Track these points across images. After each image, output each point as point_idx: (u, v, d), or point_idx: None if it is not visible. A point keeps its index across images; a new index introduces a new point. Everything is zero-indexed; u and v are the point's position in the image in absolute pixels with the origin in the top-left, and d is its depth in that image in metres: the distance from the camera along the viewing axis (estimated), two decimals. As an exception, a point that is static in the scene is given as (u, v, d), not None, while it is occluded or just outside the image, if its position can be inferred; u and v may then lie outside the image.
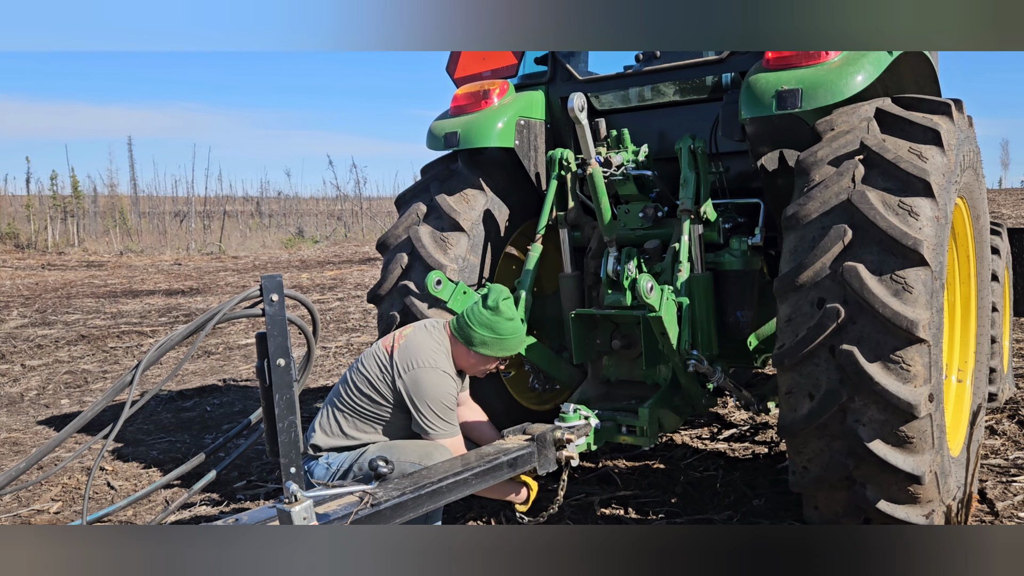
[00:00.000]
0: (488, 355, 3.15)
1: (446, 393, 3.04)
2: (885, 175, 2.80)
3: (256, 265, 18.65)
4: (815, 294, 2.78)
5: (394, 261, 3.86)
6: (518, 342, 3.20)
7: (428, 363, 3.05)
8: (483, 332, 3.10)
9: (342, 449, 3.09)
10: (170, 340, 1.98)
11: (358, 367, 3.15)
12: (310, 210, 35.86)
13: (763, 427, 5.07)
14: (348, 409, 3.11)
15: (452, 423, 3.07)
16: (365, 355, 3.19)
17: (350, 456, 3.05)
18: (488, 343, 3.11)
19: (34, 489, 4.65)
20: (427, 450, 2.99)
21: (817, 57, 3.16)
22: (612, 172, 3.65)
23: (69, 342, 9.17)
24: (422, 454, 2.95)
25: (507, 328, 3.13)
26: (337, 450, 3.09)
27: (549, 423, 3.13)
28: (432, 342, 3.13)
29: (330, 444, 3.08)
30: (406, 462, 2.89)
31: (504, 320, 3.11)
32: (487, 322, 3.10)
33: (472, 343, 3.12)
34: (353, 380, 3.13)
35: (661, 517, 3.78)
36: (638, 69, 3.93)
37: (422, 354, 3.07)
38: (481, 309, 3.13)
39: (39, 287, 14.65)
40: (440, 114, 4.11)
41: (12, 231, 23.49)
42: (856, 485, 2.81)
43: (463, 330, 3.13)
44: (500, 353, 3.17)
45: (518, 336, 3.19)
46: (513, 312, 3.16)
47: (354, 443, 3.09)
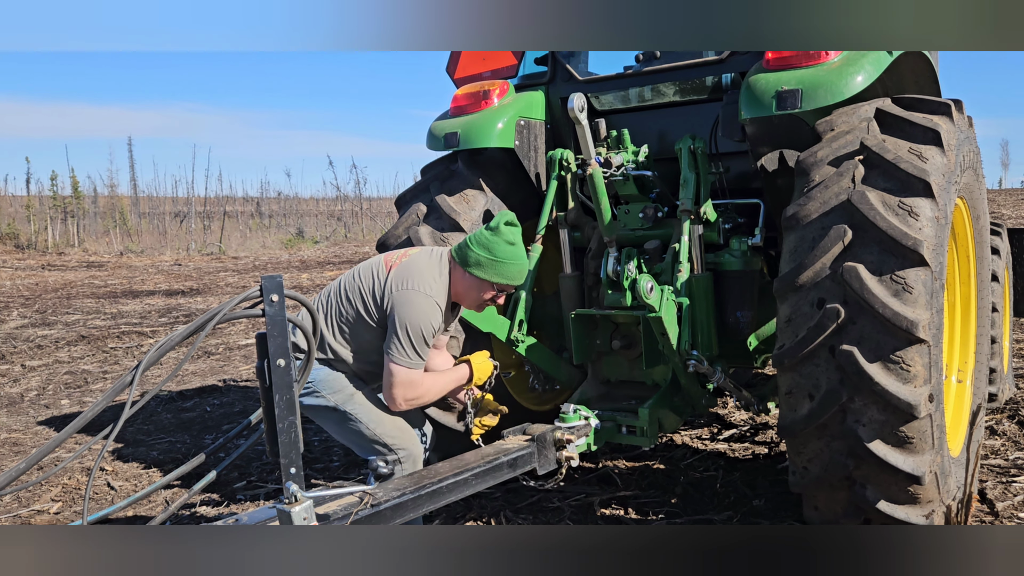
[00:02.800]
0: (483, 278, 2.97)
1: (428, 324, 2.88)
2: (885, 175, 2.80)
3: (256, 265, 18.65)
4: (815, 294, 2.78)
5: (394, 261, 3.86)
6: (516, 270, 3.01)
7: (422, 288, 2.91)
8: (479, 251, 2.95)
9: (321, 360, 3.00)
10: (170, 340, 1.98)
11: (354, 275, 3.03)
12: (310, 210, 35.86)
13: (763, 427, 5.07)
14: (333, 313, 2.99)
15: (420, 358, 2.89)
16: (363, 266, 3.07)
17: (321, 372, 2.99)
18: (483, 264, 2.95)
19: (34, 489, 4.65)
20: (401, 427, 3.03)
21: (817, 57, 3.16)
22: (612, 172, 3.65)
23: (69, 342, 9.17)
24: (396, 433, 2.98)
25: (504, 251, 2.96)
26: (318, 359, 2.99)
27: (549, 423, 3.13)
28: (433, 269, 2.99)
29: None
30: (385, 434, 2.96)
31: (502, 242, 2.96)
32: (484, 241, 2.96)
33: (467, 263, 2.97)
34: (345, 287, 3.01)
35: (661, 517, 3.78)
36: (638, 69, 3.93)
37: (419, 278, 2.93)
38: (483, 230, 3.00)
39: (39, 287, 14.65)
40: (440, 114, 4.11)
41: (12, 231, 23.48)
42: (856, 485, 2.81)
43: (462, 251, 3.00)
44: (495, 278, 2.98)
45: (516, 264, 3.00)
46: (515, 238, 2.99)
47: (327, 357, 2.99)
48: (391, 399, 2.92)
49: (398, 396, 2.91)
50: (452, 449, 3.16)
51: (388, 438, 3.00)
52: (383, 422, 3.01)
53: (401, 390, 2.90)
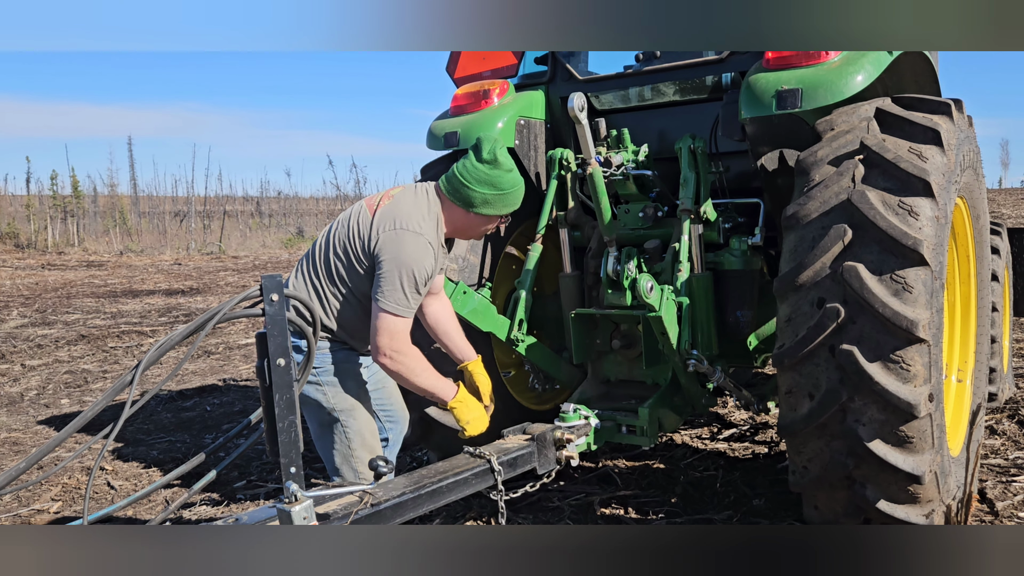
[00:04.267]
0: (491, 215, 2.86)
1: (421, 267, 2.69)
2: (885, 175, 2.80)
3: (256, 265, 18.65)
4: (815, 294, 2.78)
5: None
6: (520, 194, 2.89)
7: (412, 227, 2.71)
8: (484, 190, 2.79)
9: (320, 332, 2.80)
10: (170, 340, 1.98)
11: (337, 224, 2.86)
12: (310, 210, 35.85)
13: (763, 427, 5.07)
14: (322, 269, 2.82)
15: (411, 304, 2.70)
16: (344, 214, 2.89)
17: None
18: (491, 201, 2.81)
19: (34, 489, 4.65)
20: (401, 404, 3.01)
21: (817, 57, 3.16)
22: (612, 172, 3.65)
23: (69, 342, 9.17)
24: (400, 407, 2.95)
25: (509, 181, 2.82)
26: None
27: (549, 423, 3.13)
28: (422, 206, 2.79)
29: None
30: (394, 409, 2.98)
31: (504, 173, 2.81)
32: (487, 178, 2.79)
33: (473, 204, 2.81)
34: (331, 240, 2.84)
35: (661, 517, 3.78)
36: (638, 69, 3.93)
37: (407, 217, 2.73)
38: (476, 164, 2.80)
39: (39, 287, 14.65)
40: (440, 114, 4.11)
41: (12, 231, 23.48)
42: (856, 485, 2.81)
43: (459, 191, 2.81)
44: (504, 210, 2.87)
45: (520, 188, 2.87)
46: (511, 162, 2.85)
47: (323, 325, 2.81)
48: (376, 348, 2.71)
49: (384, 345, 2.69)
50: (452, 449, 3.16)
51: (361, 465, 2.87)
52: (365, 449, 2.89)
53: (387, 339, 2.68)
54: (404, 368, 2.76)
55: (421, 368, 2.81)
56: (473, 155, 2.84)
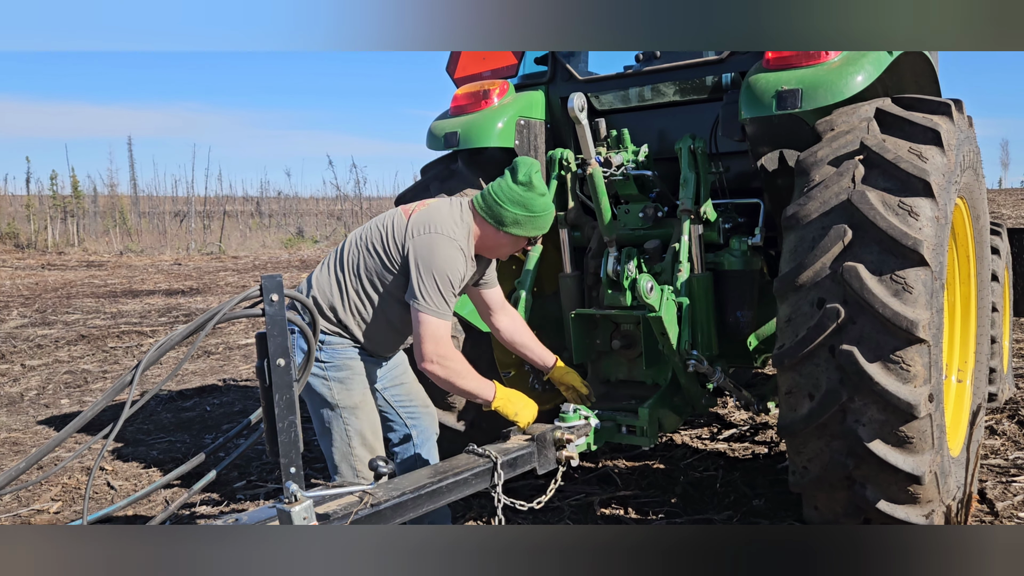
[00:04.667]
0: (520, 235, 2.92)
1: (455, 269, 2.76)
2: (885, 175, 2.80)
3: (256, 265, 18.65)
4: (815, 294, 2.78)
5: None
6: (550, 219, 2.96)
7: (445, 231, 2.78)
8: (516, 210, 2.85)
9: (333, 321, 2.86)
10: (170, 340, 1.98)
11: (371, 227, 2.93)
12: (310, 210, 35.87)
13: (763, 427, 5.07)
14: (352, 274, 2.87)
15: (447, 305, 2.75)
16: (379, 217, 2.95)
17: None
18: (521, 222, 2.87)
19: (34, 489, 4.65)
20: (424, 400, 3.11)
21: (817, 57, 3.16)
22: (612, 172, 3.65)
23: (69, 342, 9.17)
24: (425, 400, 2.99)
25: (541, 204, 2.89)
26: (335, 329, 2.86)
27: (549, 423, 3.13)
28: (455, 215, 2.88)
29: (328, 317, 2.86)
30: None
31: (537, 196, 2.88)
32: (520, 199, 2.86)
33: (504, 223, 2.87)
34: (364, 239, 2.90)
35: (661, 517, 3.78)
36: (638, 69, 3.93)
37: (440, 222, 2.81)
38: (512, 184, 2.87)
39: (39, 287, 14.65)
40: (440, 114, 4.11)
41: (12, 231, 23.49)
42: (856, 485, 2.81)
43: (492, 209, 2.88)
44: (533, 232, 2.93)
45: (551, 212, 2.95)
46: (544, 187, 2.92)
47: (343, 324, 2.86)
48: (422, 355, 2.74)
49: (429, 351, 2.73)
50: (452, 449, 3.16)
51: (360, 464, 2.89)
52: (365, 448, 2.90)
53: (432, 344, 2.72)
54: (452, 373, 2.79)
55: (466, 371, 2.85)
56: (509, 176, 2.91)
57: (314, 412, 2.94)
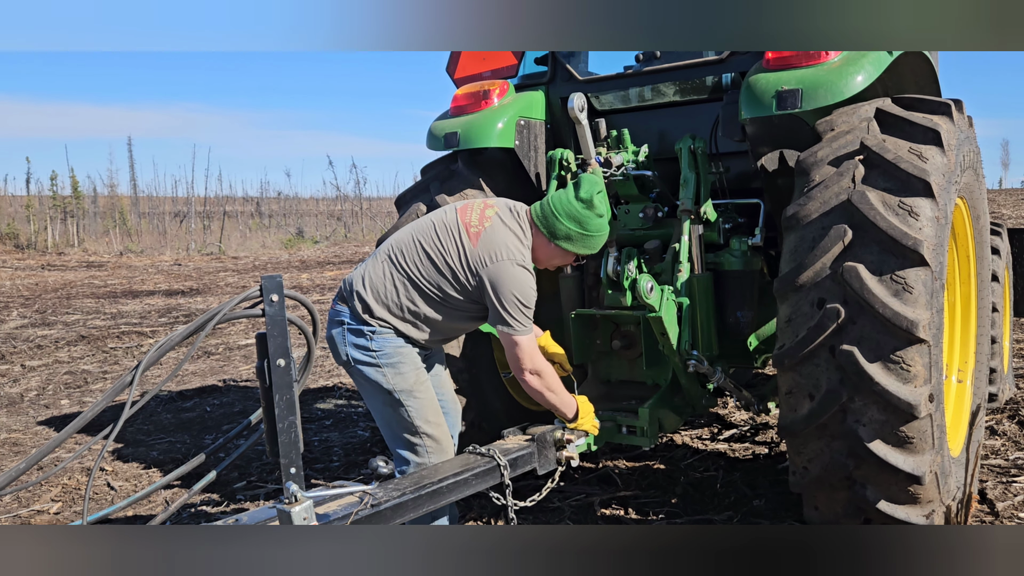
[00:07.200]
0: (570, 250, 2.98)
1: (528, 289, 2.87)
2: (885, 175, 2.80)
3: (256, 265, 18.66)
4: (815, 294, 2.78)
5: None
6: (603, 240, 3.02)
7: (516, 259, 2.86)
8: (571, 226, 2.92)
9: (385, 317, 2.91)
10: (170, 340, 1.98)
11: (429, 234, 2.95)
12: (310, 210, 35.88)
13: (763, 427, 5.07)
14: (406, 276, 2.91)
15: (529, 320, 2.89)
16: (437, 223, 2.97)
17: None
18: (573, 238, 2.94)
19: (34, 489, 4.65)
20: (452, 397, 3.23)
21: (817, 57, 3.16)
22: (612, 172, 3.65)
23: (69, 342, 9.17)
24: (438, 434, 3.01)
25: (596, 225, 2.94)
26: (385, 323, 2.91)
27: (549, 423, 3.13)
28: (519, 232, 2.95)
29: (381, 314, 2.90)
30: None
31: (595, 216, 2.93)
32: (577, 216, 2.91)
33: (556, 236, 2.93)
34: (421, 246, 2.93)
35: (661, 517, 3.78)
36: (638, 69, 3.93)
37: (508, 248, 2.88)
38: (572, 200, 2.93)
39: (39, 287, 14.66)
40: (440, 114, 4.11)
41: (12, 231, 23.50)
42: (856, 485, 2.81)
43: (547, 220, 2.94)
44: (583, 251, 2.99)
45: (604, 234, 3.00)
46: (605, 208, 2.97)
47: (394, 321, 2.92)
48: (520, 370, 2.90)
49: (527, 366, 2.89)
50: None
51: (429, 442, 2.98)
52: (429, 426, 2.97)
53: (528, 360, 2.89)
54: (545, 386, 2.96)
55: (557, 386, 3.01)
56: (572, 190, 2.95)
57: (373, 402, 3.00)
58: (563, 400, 3.05)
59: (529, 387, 2.94)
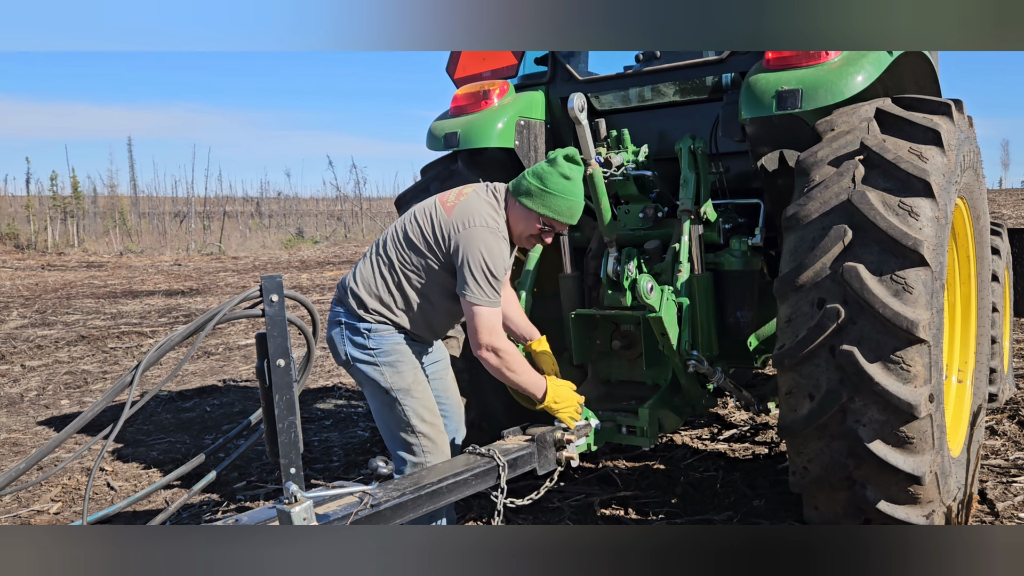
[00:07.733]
0: (531, 209, 2.90)
1: (499, 258, 2.84)
2: (885, 175, 2.80)
3: (256, 265, 18.66)
4: (815, 294, 2.78)
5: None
6: (565, 206, 2.90)
7: (487, 223, 2.86)
8: (532, 181, 2.89)
9: (379, 311, 2.93)
10: (170, 340, 1.98)
11: (409, 220, 2.98)
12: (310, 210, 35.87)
13: (763, 427, 5.07)
14: (389, 262, 2.94)
15: (496, 292, 2.84)
16: (418, 210, 3.00)
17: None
18: (532, 193, 2.88)
19: (34, 489, 4.65)
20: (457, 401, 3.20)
21: (817, 57, 3.16)
22: (612, 172, 3.65)
23: (69, 342, 9.17)
24: (434, 434, 2.98)
25: (557, 184, 2.88)
26: (380, 316, 2.93)
27: (549, 423, 3.13)
28: (493, 202, 2.94)
29: (374, 306, 2.92)
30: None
31: (556, 173, 2.88)
32: (539, 171, 2.90)
33: (519, 191, 2.92)
34: (403, 234, 2.95)
35: (661, 517, 3.78)
36: (638, 69, 3.93)
37: (480, 214, 2.87)
38: (543, 162, 2.95)
39: (39, 287, 14.65)
40: (440, 114, 4.11)
41: (12, 231, 23.50)
42: (856, 485, 2.81)
43: (517, 180, 2.96)
44: (542, 210, 2.90)
45: (566, 198, 2.90)
46: (572, 173, 2.91)
47: (389, 314, 2.93)
48: (477, 345, 2.85)
49: (484, 341, 2.83)
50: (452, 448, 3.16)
51: (425, 441, 2.97)
52: (425, 426, 2.97)
53: (487, 335, 2.83)
54: (504, 364, 2.88)
55: (519, 365, 2.94)
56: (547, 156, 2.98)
57: (372, 401, 3.03)
58: (528, 380, 2.95)
59: (488, 365, 2.87)
